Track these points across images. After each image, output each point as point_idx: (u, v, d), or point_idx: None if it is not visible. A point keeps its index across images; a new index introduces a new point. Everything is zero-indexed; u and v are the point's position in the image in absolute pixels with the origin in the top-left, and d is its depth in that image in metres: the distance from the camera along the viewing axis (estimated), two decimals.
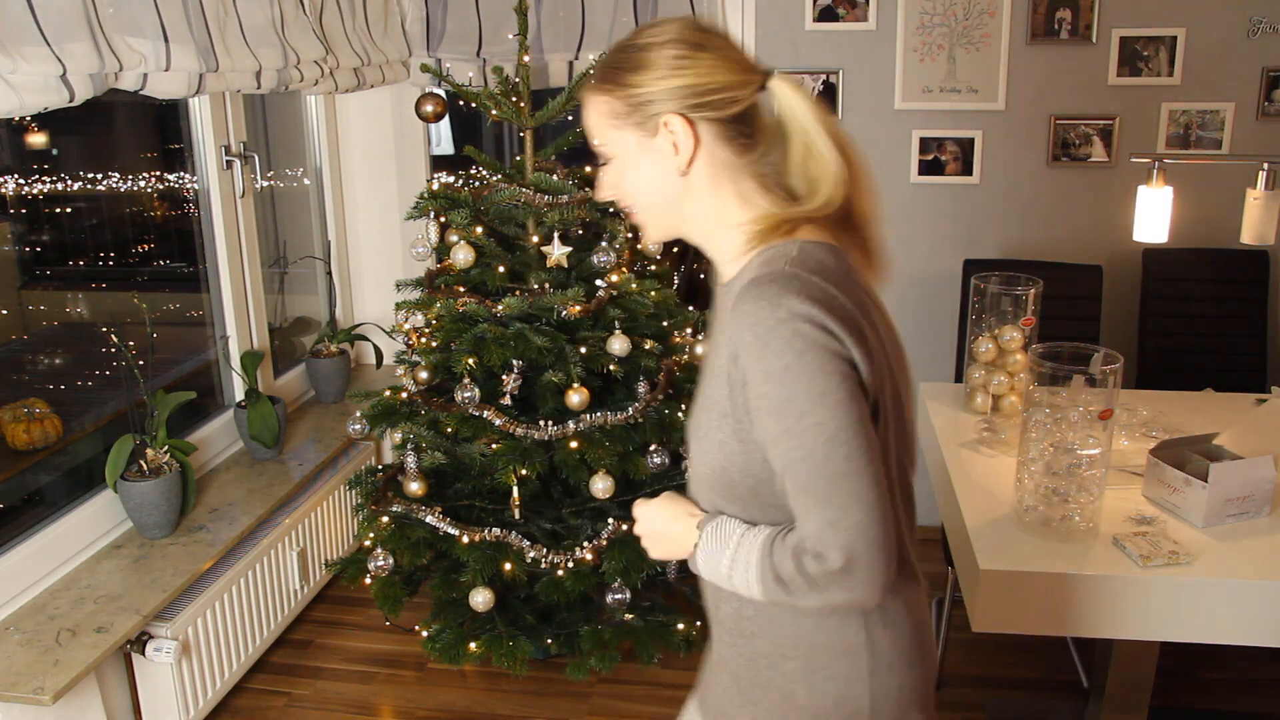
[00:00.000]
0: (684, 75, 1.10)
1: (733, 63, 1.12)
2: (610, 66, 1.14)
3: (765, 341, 1.02)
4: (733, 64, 1.12)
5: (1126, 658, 2.14)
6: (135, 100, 2.54)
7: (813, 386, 1.01)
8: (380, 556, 2.53)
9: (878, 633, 1.16)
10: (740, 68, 1.12)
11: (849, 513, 1.02)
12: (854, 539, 1.02)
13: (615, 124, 1.14)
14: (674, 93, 1.10)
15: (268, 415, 2.84)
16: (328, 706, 2.62)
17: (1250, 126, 3.06)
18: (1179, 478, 1.88)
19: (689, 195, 1.15)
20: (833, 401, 1.02)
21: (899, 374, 1.14)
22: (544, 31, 3.13)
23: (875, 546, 1.03)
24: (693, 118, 1.11)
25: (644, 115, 1.12)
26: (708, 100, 1.10)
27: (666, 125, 1.11)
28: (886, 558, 1.04)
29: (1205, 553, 1.77)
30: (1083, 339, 1.97)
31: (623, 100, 1.13)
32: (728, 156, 1.13)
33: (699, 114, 1.11)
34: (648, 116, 1.11)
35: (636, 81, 1.11)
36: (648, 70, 1.11)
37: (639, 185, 1.16)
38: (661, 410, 2.50)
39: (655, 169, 1.14)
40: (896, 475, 1.13)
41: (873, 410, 1.06)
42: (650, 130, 1.12)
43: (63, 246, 2.84)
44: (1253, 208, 2.21)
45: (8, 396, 2.44)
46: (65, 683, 1.94)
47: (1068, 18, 3.03)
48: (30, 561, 2.24)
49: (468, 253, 2.49)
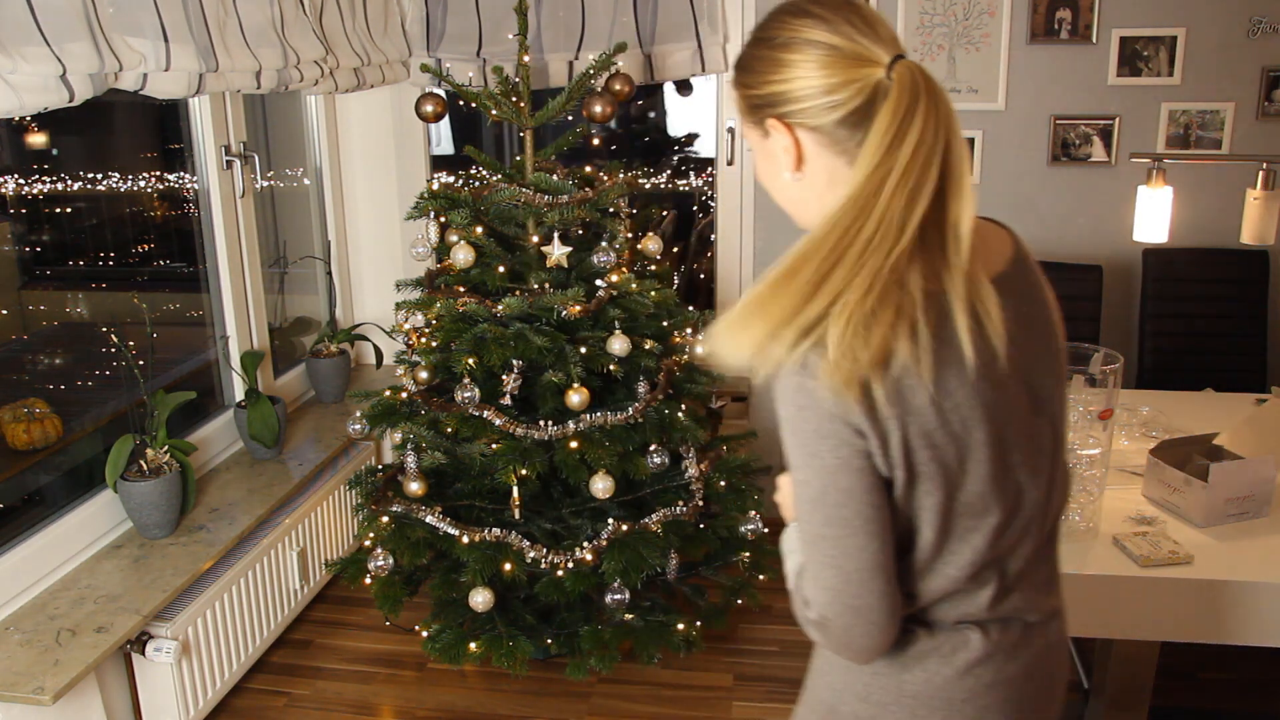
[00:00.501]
0: (771, 82, 1.03)
1: (834, 62, 0.99)
2: (738, 61, 1.09)
3: (779, 388, 0.99)
4: (834, 63, 0.99)
5: (1126, 658, 2.14)
6: (135, 100, 2.54)
7: (804, 445, 0.99)
8: (380, 556, 2.53)
9: (888, 684, 1.12)
10: (846, 65, 0.99)
11: (824, 574, 1.02)
12: (828, 600, 1.02)
13: (743, 119, 1.10)
14: (766, 99, 1.04)
15: (268, 415, 2.84)
16: (328, 706, 2.62)
17: (1250, 126, 3.06)
18: (1179, 478, 1.88)
19: (810, 197, 1.08)
20: (819, 465, 0.99)
21: (1000, 406, 1.02)
22: (544, 31, 3.13)
23: (849, 613, 1.01)
24: (790, 123, 1.03)
25: (756, 116, 1.07)
26: (799, 108, 1.01)
27: (773, 128, 1.05)
28: (866, 624, 1.01)
29: (1205, 553, 1.77)
30: (1083, 339, 1.97)
31: (739, 97, 1.09)
32: (834, 163, 1.04)
33: (794, 120, 1.03)
34: (758, 118, 1.06)
35: (743, 81, 1.07)
36: (747, 72, 1.06)
37: (767, 181, 1.12)
38: (661, 410, 2.50)
39: (774, 168, 1.08)
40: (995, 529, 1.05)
41: (903, 474, 0.99)
42: (764, 131, 1.07)
43: (63, 246, 2.84)
44: (1253, 208, 2.21)
45: (8, 396, 2.44)
46: (65, 683, 1.94)
47: (1068, 18, 3.03)
48: (30, 561, 2.24)
49: (468, 253, 2.49)
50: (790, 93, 1.01)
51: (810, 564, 1.03)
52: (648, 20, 3.11)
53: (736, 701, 2.60)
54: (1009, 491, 1.05)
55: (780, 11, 1.03)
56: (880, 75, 0.98)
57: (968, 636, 1.09)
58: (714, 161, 3.38)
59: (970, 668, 1.09)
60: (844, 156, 1.02)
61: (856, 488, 0.99)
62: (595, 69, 2.52)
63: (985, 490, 1.03)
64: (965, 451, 1.01)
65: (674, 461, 2.54)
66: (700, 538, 2.64)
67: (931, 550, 1.04)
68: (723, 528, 2.66)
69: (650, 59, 3.14)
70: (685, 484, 2.57)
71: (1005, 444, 1.03)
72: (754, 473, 2.76)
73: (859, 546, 1.00)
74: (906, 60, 0.99)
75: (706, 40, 3.12)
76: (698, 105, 3.74)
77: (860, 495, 0.99)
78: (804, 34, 1.00)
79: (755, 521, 2.65)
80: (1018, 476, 1.06)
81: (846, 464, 0.98)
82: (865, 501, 0.99)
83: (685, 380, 2.63)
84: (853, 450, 0.98)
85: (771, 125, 1.05)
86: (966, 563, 1.05)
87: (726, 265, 3.42)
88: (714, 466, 2.62)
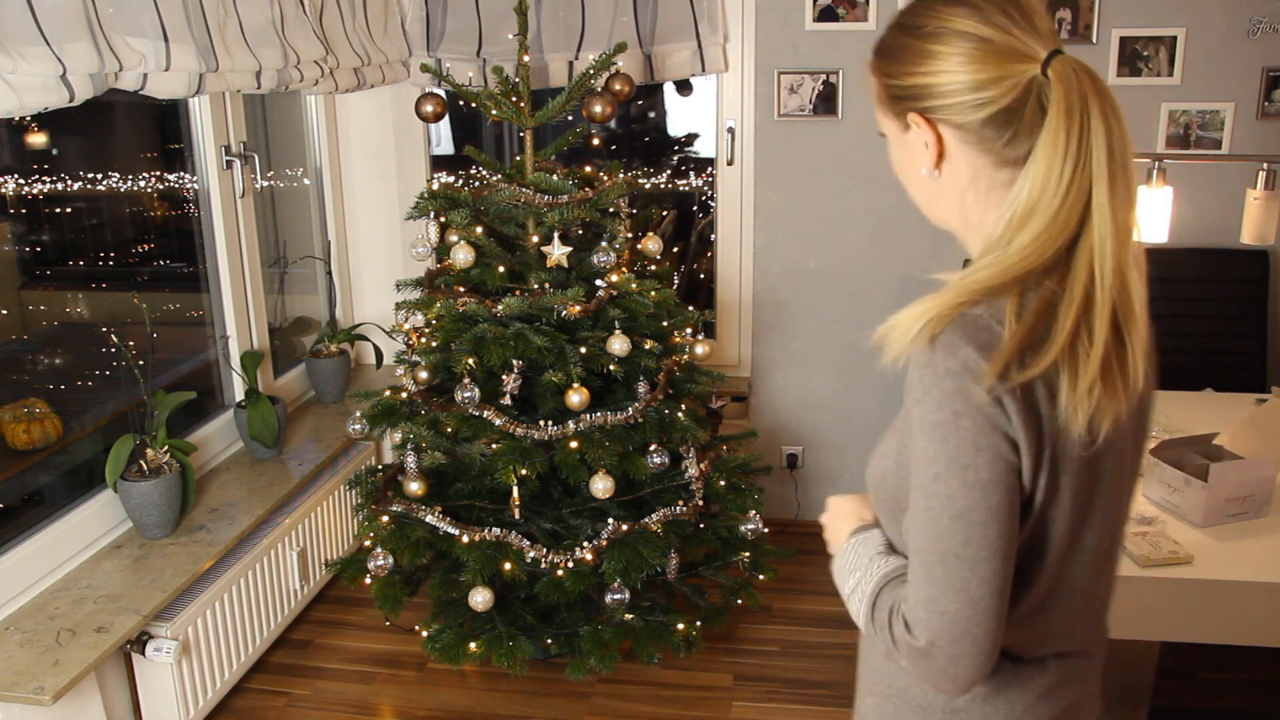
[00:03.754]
0: (916, 74, 0.97)
1: (986, 57, 0.93)
2: (878, 46, 1.03)
3: (928, 389, 0.93)
4: (985, 58, 0.93)
5: (1126, 658, 2.14)
6: (135, 100, 2.54)
7: (958, 455, 0.91)
8: (380, 556, 2.54)
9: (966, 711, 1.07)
10: (999, 60, 0.93)
11: (946, 598, 0.93)
12: (943, 626, 0.93)
13: (879, 107, 1.05)
14: (908, 91, 0.99)
15: (268, 415, 2.84)
16: (328, 706, 2.62)
17: (1250, 126, 3.06)
18: (1179, 478, 1.88)
19: (948, 194, 1.03)
20: (972, 479, 0.91)
21: (1128, 442, 1.02)
22: (544, 31, 3.13)
23: (965, 641, 0.93)
24: (932, 119, 0.99)
25: (896, 107, 1.02)
26: (944, 104, 0.97)
27: (914, 123, 1.00)
28: (975, 654, 0.94)
29: (1205, 553, 1.77)
30: None
31: (878, 85, 1.03)
32: (979, 162, 0.99)
33: (937, 116, 0.98)
34: (898, 110, 1.01)
35: (884, 70, 1.02)
36: (889, 60, 1.01)
37: (902, 175, 1.07)
38: (661, 410, 2.50)
39: (911, 161, 1.03)
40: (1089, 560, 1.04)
41: (1038, 494, 0.95)
42: (904, 124, 1.02)
43: (63, 246, 2.84)
44: (1253, 208, 2.21)
45: (8, 396, 2.44)
46: (65, 683, 1.94)
47: (1068, 18, 3.03)
48: (30, 561, 2.24)
49: (468, 253, 2.49)
50: (936, 87, 0.96)
51: (930, 586, 0.94)
52: (648, 20, 3.11)
53: (736, 701, 2.60)
54: (1117, 528, 1.07)
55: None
56: (1035, 72, 0.92)
57: (1046, 665, 1.07)
58: (714, 161, 3.38)
59: (1044, 695, 1.07)
60: (989, 156, 0.98)
61: (1005, 505, 0.92)
62: (595, 69, 2.52)
63: (1102, 526, 1.02)
64: (1096, 483, 0.98)
65: (674, 461, 2.54)
66: (700, 538, 2.65)
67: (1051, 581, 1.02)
68: (723, 528, 2.66)
69: (650, 59, 3.14)
70: (685, 484, 2.57)
71: (1124, 478, 1.03)
72: (754, 473, 2.76)
73: (994, 571, 0.92)
74: (1065, 55, 0.92)
75: (706, 40, 3.12)
76: (698, 105, 3.74)
77: (1005, 516, 0.92)
78: (953, 24, 0.94)
79: (755, 521, 2.65)
80: (1122, 513, 1.07)
81: (1000, 479, 0.92)
82: (1009, 524, 0.93)
83: (685, 380, 2.63)
84: (1008, 466, 0.92)
85: (913, 120, 1.00)
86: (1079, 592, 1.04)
87: (726, 265, 3.42)
88: (714, 466, 2.62)
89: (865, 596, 1.04)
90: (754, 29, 3.16)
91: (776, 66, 3.17)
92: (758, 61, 3.18)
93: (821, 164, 3.20)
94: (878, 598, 1.02)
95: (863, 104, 3.16)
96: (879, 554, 1.07)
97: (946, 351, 0.92)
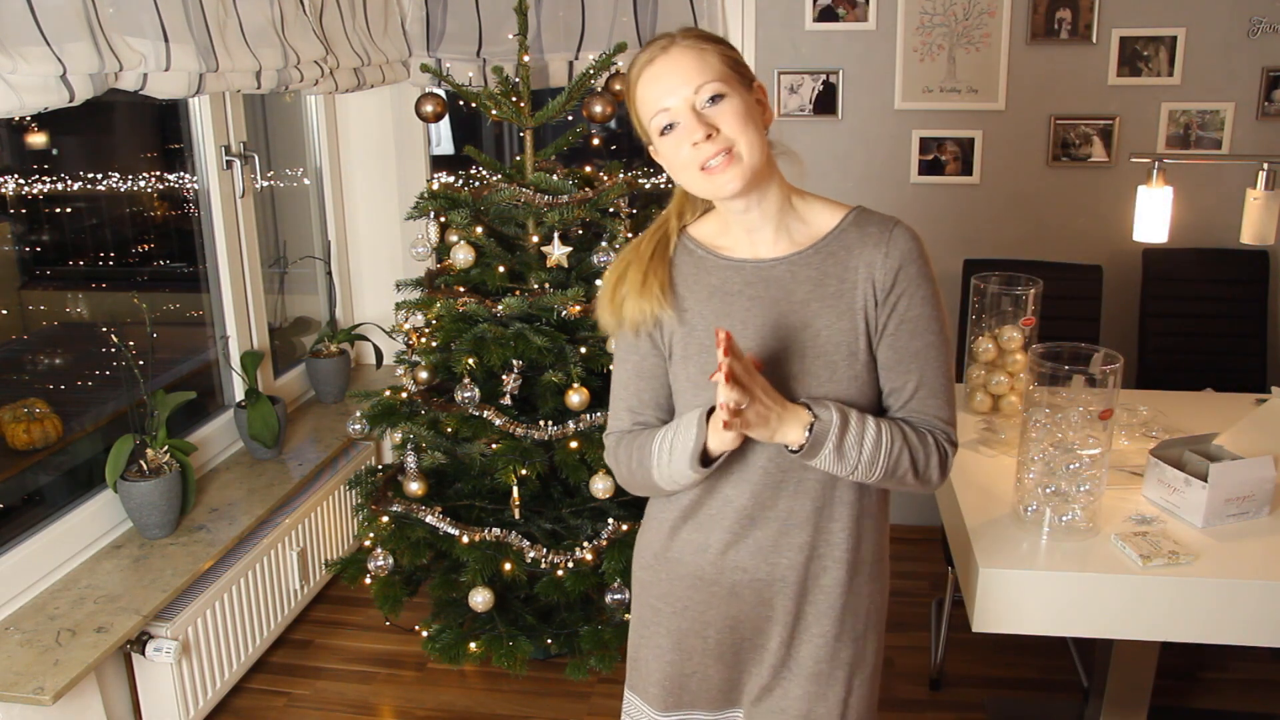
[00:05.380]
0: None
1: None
2: (714, 36, 1.35)
3: (924, 267, 1.29)
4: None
5: (1126, 658, 2.14)
6: (135, 100, 2.54)
7: (943, 307, 1.32)
8: (380, 556, 2.54)
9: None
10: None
11: (954, 410, 1.35)
12: (955, 434, 1.35)
13: (720, 76, 1.30)
14: (750, 70, 1.36)
15: (268, 415, 2.84)
16: (328, 706, 2.62)
17: (1250, 126, 3.06)
18: (1179, 478, 1.88)
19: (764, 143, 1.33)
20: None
21: None
22: (544, 32, 3.13)
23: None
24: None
25: (746, 76, 1.33)
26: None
27: (759, 90, 1.35)
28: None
29: (1205, 553, 1.77)
30: (1083, 339, 1.97)
31: (726, 60, 1.32)
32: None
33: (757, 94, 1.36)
34: (747, 79, 1.33)
35: (732, 53, 1.35)
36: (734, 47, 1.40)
37: (748, 126, 1.29)
38: None
39: (754, 117, 1.31)
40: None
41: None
42: (750, 89, 1.33)
43: (63, 246, 2.84)
44: (1253, 208, 2.21)
45: (8, 396, 2.44)
46: (65, 683, 1.94)
47: (1068, 18, 3.03)
48: (30, 561, 2.24)
49: (468, 253, 2.49)
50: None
51: (952, 407, 1.34)
52: (648, 20, 3.11)
53: None
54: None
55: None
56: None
57: None
58: None
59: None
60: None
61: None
62: (595, 69, 2.52)
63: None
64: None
65: None
66: None
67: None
68: None
69: None
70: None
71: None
72: None
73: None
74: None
75: None
76: None
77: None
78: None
79: None
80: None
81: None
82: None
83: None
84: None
85: (758, 87, 1.37)
86: None
87: None
88: None
89: (897, 439, 1.30)
90: (754, 29, 3.16)
91: (776, 66, 3.17)
92: (758, 61, 3.18)
93: (821, 164, 3.20)
94: (911, 435, 1.31)
95: (863, 104, 3.16)
96: (875, 417, 1.32)
97: (917, 240, 1.34)
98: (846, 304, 1.30)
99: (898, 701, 2.59)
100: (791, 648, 1.43)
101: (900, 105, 3.14)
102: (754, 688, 1.48)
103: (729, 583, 1.41)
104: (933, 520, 3.07)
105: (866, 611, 1.45)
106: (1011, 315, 2.31)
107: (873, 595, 1.45)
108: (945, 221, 3.23)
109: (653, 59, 1.29)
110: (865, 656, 1.45)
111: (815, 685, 1.42)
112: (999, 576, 1.73)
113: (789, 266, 1.33)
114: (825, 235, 1.33)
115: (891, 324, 1.30)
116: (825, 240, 1.33)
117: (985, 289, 2.33)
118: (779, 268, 1.33)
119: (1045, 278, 2.36)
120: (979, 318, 2.36)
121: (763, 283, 1.33)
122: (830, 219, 1.35)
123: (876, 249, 1.30)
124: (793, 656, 1.44)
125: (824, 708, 1.43)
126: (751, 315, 1.33)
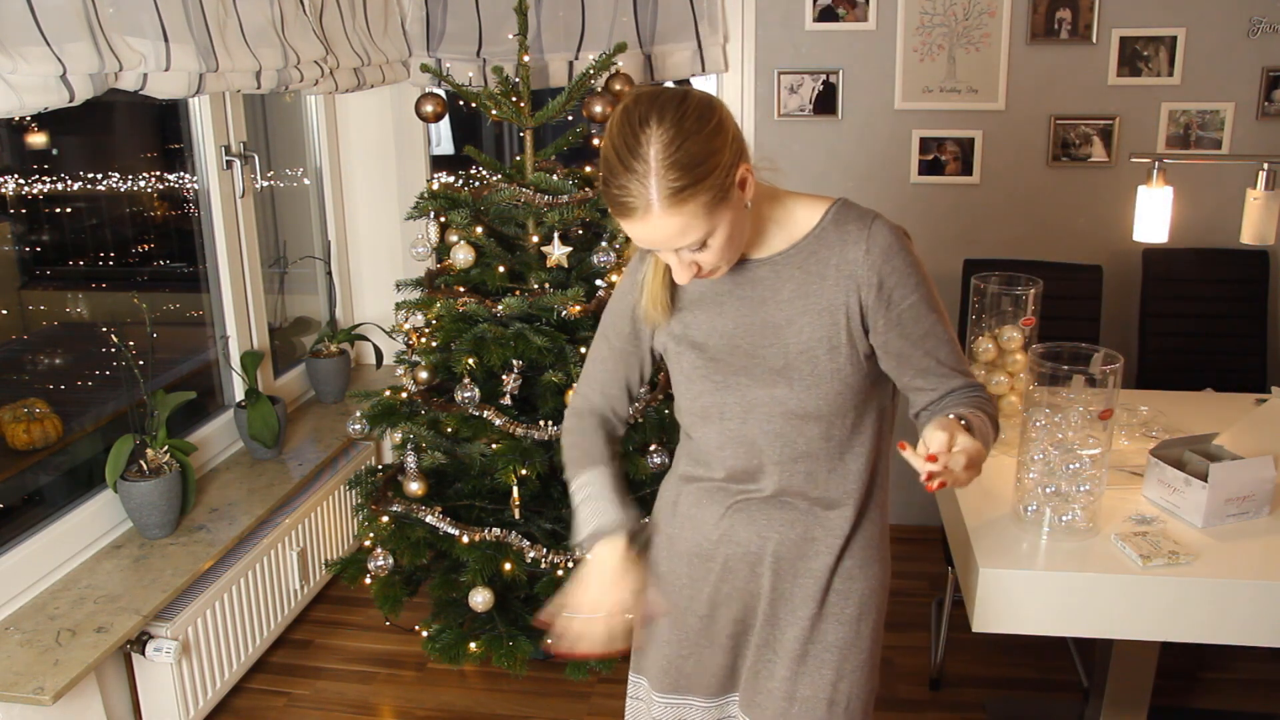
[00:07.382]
0: (724, 144, 1.23)
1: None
2: (679, 162, 1.21)
3: (908, 256, 1.34)
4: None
5: (1126, 658, 2.14)
6: (135, 100, 2.54)
7: (931, 283, 1.37)
8: (380, 556, 2.54)
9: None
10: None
11: (969, 366, 1.41)
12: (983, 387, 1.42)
13: (708, 213, 1.24)
14: (732, 159, 1.24)
15: (268, 415, 2.84)
16: (328, 706, 2.62)
17: (1250, 126, 3.06)
18: (1179, 478, 1.88)
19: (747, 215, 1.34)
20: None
21: None
22: (544, 31, 3.13)
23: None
24: (744, 164, 1.28)
25: (728, 186, 1.24)
26: (741, 146, 1.28)
27: (744, 175, 1.27)
28: None
29: (1205, 553, 1.77)
30: (1083, 339, 1.97)
31: (710, 194, 1.22)
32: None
33: (741, 158, 1.27)
34: (728, 191, 1.24)
35: (703, 173, 1.23)
36: (703, 159, 1.22)
37: (736, 240, 1.30)
38: (661, 410, 2.50)
39: (743, 219, 1.30)
40: None
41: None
42: (732, 197, 1.26)
43: (63, 246, 2.84)
44: (1253, 208, 2.21)
45: (8, 396, 2.44)
46: (65, 683, 1.94)
47: (1068, 18, 3.03)
48: (30, 561, 2.24)
49: (468, 253, 2.49)
50: (737, 133, 1.29)
51: (963, 359, 1.39)
52: (648, 20, 3.11)
53: None
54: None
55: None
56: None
57: None
58: None
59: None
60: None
61: None
62: (595, 69, 2.52)
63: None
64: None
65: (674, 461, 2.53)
66: None
67: None
68: None
69: (650, 59, 3.14)
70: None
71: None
72: None
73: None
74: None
75: (706, 40, 3.12)
76: None
77: None
78: (721, 109, 1.29)
79: None
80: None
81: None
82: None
83: None
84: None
85: (743, 172, 1.27)
86: None
87: None
88: None
89: (988, 415, 1.37)
90: (754, 29, 3.16)
91: (776, 66, 3.17)
92: (758, 61, 3.18)
93: (821, 164, 3.19)
94: (987, 407, 1.38)
95: (863, 104, 3.16)
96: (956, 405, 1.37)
97: (898, 231, 1.38)
98: (827, 301, 1.34)
99: (898, 701, 2.59)
100: (776, 628, 1.46)
101: (900, 105, 3.14)
102: (746, 670, 1.51)
103: (723, 557, 1.46)
104: (933, 520, 3.07)
105: (861, 595, 1.46)
106: (1011, 315, 2.31)
107: (868, 579, 1.47)
108: (945, 221, 3.23)
109: (630, 214, 1.21)
110: (859, 641, 1.46)
111: (800, 665, 1.45)
112: (999, 576, 1.73)
113: (772, 267, 1.38)
114: (806, 235, 1.37)
115: (892, 317, 1.33)
116: (806, 240, 1.37)
117: (985, 289, 2.33)
118: (763, 268, 1.38)
119: (1045, 278, 2.36)
120: (979, 318, 2.36)
121: (749, 283, 1.39)
122: (811, 216, 1.38)
123: (857, 246, 1.34)
124: (777, 638, 1.47)
125: (809, 689, 1.45)
126: (740, 314, 1.39)
